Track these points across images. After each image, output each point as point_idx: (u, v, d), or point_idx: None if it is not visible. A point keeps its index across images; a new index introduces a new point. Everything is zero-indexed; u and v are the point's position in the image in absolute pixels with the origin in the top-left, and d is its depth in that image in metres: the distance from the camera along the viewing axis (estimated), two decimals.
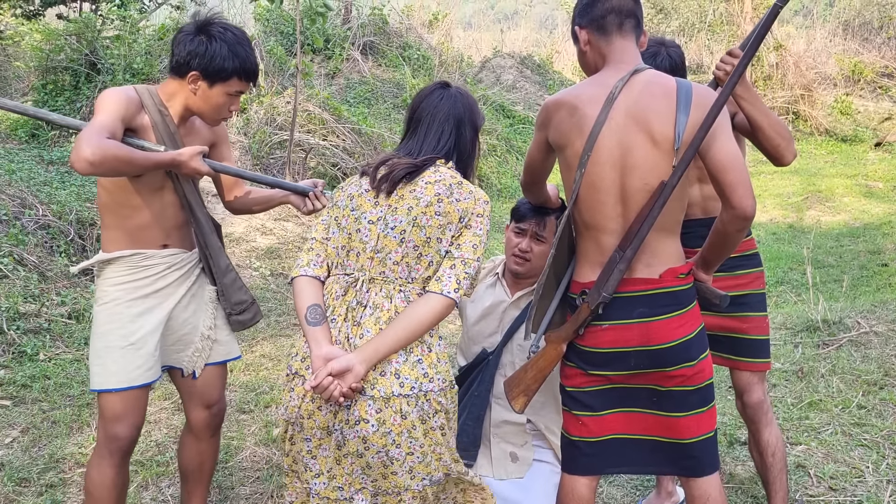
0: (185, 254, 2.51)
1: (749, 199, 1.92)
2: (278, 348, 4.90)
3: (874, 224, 8.28)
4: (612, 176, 2.01)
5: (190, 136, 2.45)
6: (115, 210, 2.38)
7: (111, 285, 2.40)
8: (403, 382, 1.96)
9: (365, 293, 2.02)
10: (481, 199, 2.09)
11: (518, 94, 13.39)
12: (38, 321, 4.69)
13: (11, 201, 5.73)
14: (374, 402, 1.94)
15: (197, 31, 2.31)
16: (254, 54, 2.39)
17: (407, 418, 1.95)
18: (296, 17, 8.35)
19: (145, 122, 2.32)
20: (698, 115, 1.97)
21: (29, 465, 3.35)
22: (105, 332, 2.38)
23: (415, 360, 1.99)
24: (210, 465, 2.71)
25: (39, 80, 8.67)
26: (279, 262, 6.64)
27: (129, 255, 2.39)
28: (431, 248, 2.01)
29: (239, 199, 2.71)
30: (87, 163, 2.02)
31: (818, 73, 14.27)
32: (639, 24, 2.15)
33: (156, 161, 2.22)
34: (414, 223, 2.00)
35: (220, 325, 2.60)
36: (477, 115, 2.21)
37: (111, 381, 2.35)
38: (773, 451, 2.66)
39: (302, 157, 8.08)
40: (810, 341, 4.56)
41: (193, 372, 2.56)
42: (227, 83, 2.33)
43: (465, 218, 2.04)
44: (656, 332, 2.01)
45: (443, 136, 2.13)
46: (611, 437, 2.12)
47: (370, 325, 1.98)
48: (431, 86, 2.23)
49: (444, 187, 2.03)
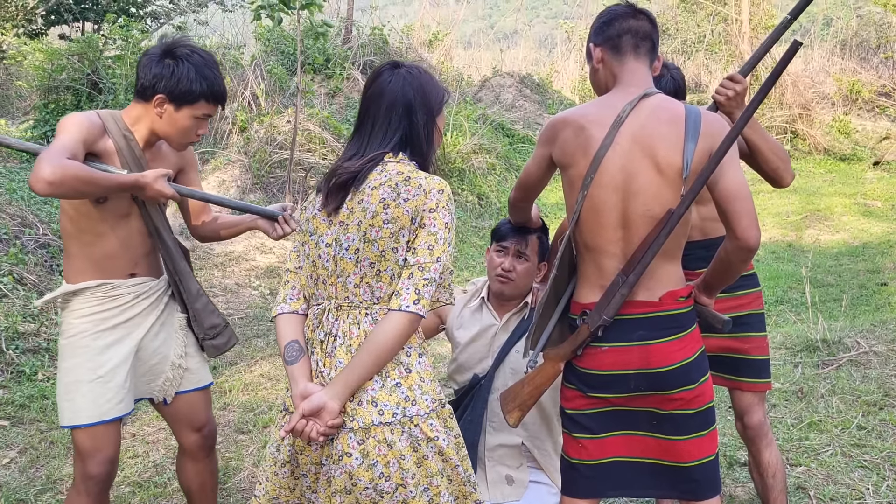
0: (153, 281, 2.46)
1: (753, 230, 1.92)
2: (277, 368, 4.89)
3: (873, 243, 8.29)
4: (613, 200, 2.01)
5: (156, 161, 2.40)
6: (80, 238, 2.33)
7: (77, 318, 2.33)
8: (383, 410, 1.83)
9: (333, 322, 1.91)
10: (433, 190, 1.87)
11: (517, 113, 13.44)
12: (37, 341, 4.68)
13: (11, 220, 5.74)
14: (354, 433, 1.83)
15: (163, 55, 2.27)
16: (221, 77, 2.36)
17: (393, 447, 1.82)
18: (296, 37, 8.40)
19: (108, 146, 2.26)
20: (707, 143, 1.97)
21: (26, 485, 3.34)
22: (72, 367, 2.32)
23: (392, 384, 1.86)
24: (212, 483, 2.70)
25: (41, 100, 8.71)
26: (278, 281, 6.64)
27: (95, 286, 2.33)
28: (389, 262, 1.86)
29: (206, 225, 2.65)
30: (46, 183, 1.95)
31: (816, 92, 14.34)
32: (654, 49, 2.14)
33: (118, 182, 2.16)
34: (364, 238, 1.85)
35: (190, 352, 2.53)
36: (431, 97, 1.97)
37: (81, 417, 2.29)
38: (774, 473, 2.65)
39: (302, 177, 8.11)
40: (810, 361, 4.55)
41: (164, 399, 2.51)
42: (194, 106, 2.29)
43: (417, 217, 1.85)
44: (656, 355, 2.01)
45: (391, 127, 1.93)
46: (611, 460, 2.11)
47: (342, 355, 1.88)
48: (380, 67, 2.01)
49: (390, 189, 1.85)
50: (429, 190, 1.87)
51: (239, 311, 6.12)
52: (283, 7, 7.09)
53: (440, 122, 2.02)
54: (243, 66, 10.18)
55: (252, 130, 8.86)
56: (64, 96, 8.61)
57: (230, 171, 8.26)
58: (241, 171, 8.26)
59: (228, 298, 6.32)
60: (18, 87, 10.09)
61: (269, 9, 7.09)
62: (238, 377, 4.70)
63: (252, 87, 9.80)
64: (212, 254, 6.96)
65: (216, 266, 6.80)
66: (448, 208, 1.88)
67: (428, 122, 1.96)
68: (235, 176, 8.20)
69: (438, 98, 1.99)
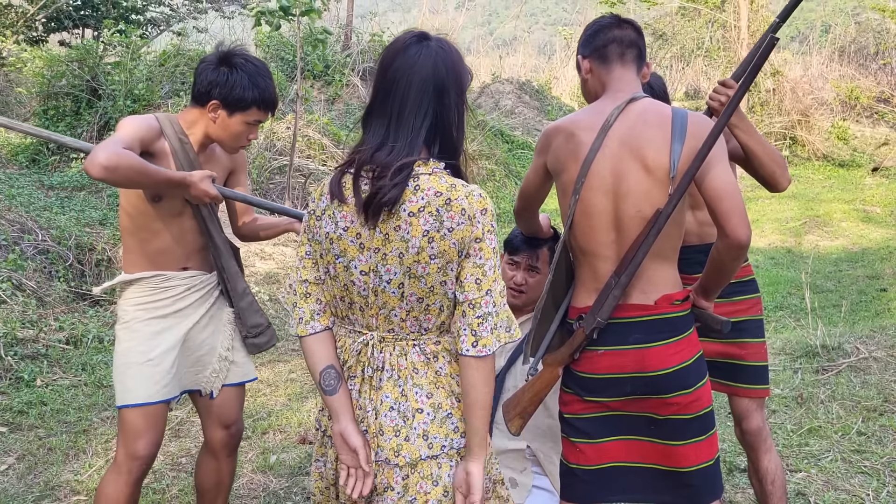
0: (205, 276, 2.57)
1: (743, 227, 1.94)
2: (276, 374, 4.88)
3: (872, 249, 8.29)
4: (604, 202, 2.03)
5: (209, 164, 2.52)
6: (137, 234, 2.45)
7: (131, 305, 2.46)
8: (432, 443, 1.74)
9: (378, 355, 1.77)
10: (477, 214, 1.68)
11: (517, 120, 13.47)
12: (36, 347, 4.68)
13: (11, 226, 5.74)
14: (400, 469, 1.74)
15: (219, 62, 2.38)
16: (273, 86, 2.46)
17: (438, 484, 1.74)
18: (296, 44, 8.42)
19: (164, 148, 2.38)
20: (693, 143, 1.98)
21: (24, 492, 3.33)
22: (125, 350, 2.44)
23: (444, 415, 1.76)
24: (227, 483, 2.74)
25: (41, 106, 8.74)
26: (278, 287, 6.63)
27: (150, 276, 2.46)
28: (437, 295, 1.72)
29: (247, 225, 2.77)
30: (101, 167, 2.06)
31: (815, 98, 14.38)
32: (641, 56, 2.18)
33: (167, 177, 2.27)
34: (409, 274, 1.68)
35: (237, 346, 2.64)
36: (463, 76, 1.77)
37: (130, 397, 2.41)
38: (773, 479, 2.64)
39: (301, 183, 8.11)
40: (809, 367, 4.55)
41: (211, 392, 2.60)
42: (246, 112, 2.39)
43: (464, 250, 1.69)
44: (652, 359, 2.01)
45: (419, 111, 1.69)
46: (609, 464, 2.11)
47: (389, 388, 1.75)
48: (405, 37, 1.75)
49: (432, 218, 1.65)
50: (473, 215, 1.67)
51: None
52: (282, 15, 7.12)
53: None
54: None
55: None
56: (63, 102, 8.64)
57: None
58: None
59: None
60: (18, 93, 10.11)
61: (269, 15, 7.11)
62: None
63: None
64: None
65: None
66: (493, 230, 1.71)
67: (460, 105, 1.77)
68: None
69: (468, 77, 1.81)
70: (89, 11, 12.23)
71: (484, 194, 1.73)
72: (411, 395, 1.76)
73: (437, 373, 1.78)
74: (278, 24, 7.29)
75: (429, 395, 1.77)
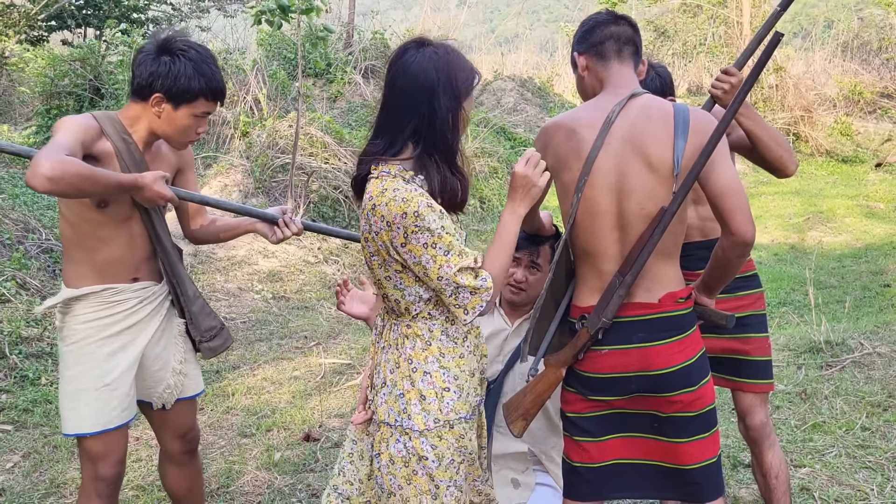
0: (156, 286, 2.42)
1: (748, 224, 1.93)
2: (280, 371, 4.89)
3: (876, 245, 8.27)
4: (608, 201, 2.01)
5: (156, 163, 2.34)
6: (82, 244, 2.27)
7: (80, 323, 2.27)
8: (389, 411, 1.89)
9: (383, 325, 2.02)
10: (396, 220, 1.74)
11: (519, 117, 13.45)
12: (40, 345, 4.69)
13: (15, 226, 5.75)
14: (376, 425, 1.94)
15: (159, 51, 2.19)
16: (219, 72, 2.28)
17: (388, 448, 1.88)
18: (297, 42, 8.42)
19: (107, 148, 2.20)
20: (696, 140, 1.97)
21: (30, 490, 3.34)
22: (77, 375, 2.27)
23: (397, 393, 1.88)
24: (199, 485, 2.67)
25: (43, 105, 8.75)
26: (281, 286, 6.65)
27: (99, 291, 2.27)
28: (387, 288, 1.89)
29: (203, 228, 2.58)
30: (45, 178, 1.88)
31: (818, 94, 14.33)
32: (637, 52, 2.16)
33: (118, 181, 2.09)
34: (367, 264, 1.91)
35: (188, 358, 2.51)
36: (458, 79, 1.81)
37: (85, 426, 2.26)
38: (777, 474, 2.64)
39: (304, 181, 8.12)
40: (813, 363, 4.54)
41: (164, 405, 2.49)
42: (192, 104, 2.22)
43: (393, 253, 1.80)
44: (655, 357, 2.01)
45: (405, 114, 1.79)
46: (612, 462, 2.11)
47: (380, 355, 1.97)
48: (406, 44, 1.86)
49: (364, 220, 1.84)
50: (391, 221, 1.74)
51: (241, 316, 6.12)
52: (282, 14, 7.11)
53: (468, 105, 1.87)
54: (245, 71, 10.21)
55: (254, 135, 8.88)
56: (66, 102, 8.65)
57: (232, 176, 8.27)
58: (243, 176, 8.27)
59: (231, 302, 6.33)
60: (21, 93, 10.13)
61: (268, 14, 7.11)
62: (241, 381, 4.70)
63: (254, 91, 9.83)
64: (214, 258, 6.97)
65: (218, 270, 6.81)
66: (419, 228, 1.73)
67: (453, 107, 1.80)
68: (237, 180, 8.21)
69: (467, 79, 1.84)
70: (91, 11, 12.24)
71: (408, 197, 1.74)
72: (383, 367, 1.93)
73: (401, 355, 1.89)
74: (279, 24, 7.29)
75: (391, 370, 1.90)
